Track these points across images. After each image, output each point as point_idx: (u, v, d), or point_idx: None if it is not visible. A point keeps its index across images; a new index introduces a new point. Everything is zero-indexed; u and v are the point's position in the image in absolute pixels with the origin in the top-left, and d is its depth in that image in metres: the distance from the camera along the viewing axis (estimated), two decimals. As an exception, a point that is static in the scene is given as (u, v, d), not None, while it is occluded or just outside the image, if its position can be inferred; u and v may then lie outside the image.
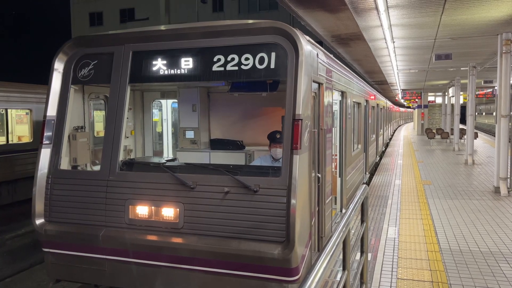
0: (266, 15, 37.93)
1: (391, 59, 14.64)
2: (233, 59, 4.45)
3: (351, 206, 3.48)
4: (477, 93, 29.58)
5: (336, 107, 7.48)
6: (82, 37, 5.12)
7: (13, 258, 9.36)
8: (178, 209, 4.35)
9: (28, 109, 12.36)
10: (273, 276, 4.04)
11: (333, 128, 6.34)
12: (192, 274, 4.30)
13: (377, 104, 16.50)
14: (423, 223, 7.61)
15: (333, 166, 6.50)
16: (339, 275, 5.27)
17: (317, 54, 4.93)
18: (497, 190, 10.28)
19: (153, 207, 4.45)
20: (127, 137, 6.89)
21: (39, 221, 4.83)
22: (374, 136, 14.93)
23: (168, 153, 7.94)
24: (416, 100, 33.90)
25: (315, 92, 5.13)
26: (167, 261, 4.35)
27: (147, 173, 4.61)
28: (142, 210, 4.48)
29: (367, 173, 12.29)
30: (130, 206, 4.52)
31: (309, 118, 4.40)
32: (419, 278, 5.18)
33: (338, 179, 7.68)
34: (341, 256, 3.15)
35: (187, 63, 4.63)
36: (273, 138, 5.74)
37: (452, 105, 26.33)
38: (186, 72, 4.64)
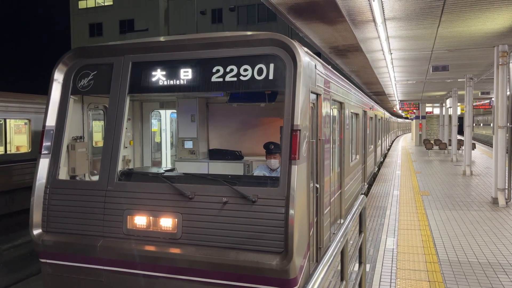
0: (264, 26, 38.28)
1: (389, 70, 14.75)
2: (232, 70, 4.49)
3: (349, 217, 3.49)
4: (474, 104, 29.74)
5: (334, 118, 7.52)
6: (81, 48, 5.16)
7: (9, 269, 9.29)
8: (176, 219, 4.34)
9: (27, 119, 12.37)
10: (271, 287, 4.02)
11: (331, 139, 6.36)
12: (190, 285, 4.28)
13: (375, 115, 16.56)
14: (422, 234, 7.60)
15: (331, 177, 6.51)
16: (337, 286, 5.25)
17: (315, 65, 4.97)
18: (495, 201, 10.29)
19: (151, 217, 4.44)
20: (126, 147, 6.89)
21: (36, 231, 4.81)
22: (372, 146, 14.96)
23: (166, 163, 7.95)
24: (414, 111, 34.06)
25: (313, 103, 5.16)
26: (165, 271, 4.33)
27: (145, 183, 4.61)
28: (140, 220, 4.47)
29: (365, 183, 12.29)
30: (128, 216, 4.51)
31: (307, 129, 4.42)
32: (418, 289, 5.16)
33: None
34: (339, 267, 3.15)
35: (186, 74, 4.66)
36: (268, 149, 5.77)
37: (450, 116, 26.45)
38: (185, 82, 4.67)
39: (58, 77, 5.11)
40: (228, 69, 4.49)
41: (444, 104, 30.95)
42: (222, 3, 41.43)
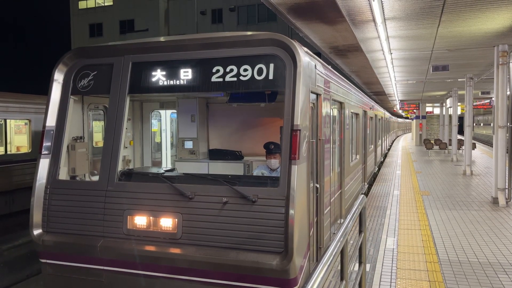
0: (265, 26, 38.29)
1: (389, 70, 14.75)
2: (232, 70, 4.49)
3: (349, 216, 3.49)
4: (474, 103, 29.73)
5: (334, 118, 7.52)
6: (82, 48, 5.16)
7: (10, 269, 9.30)
8: (176, 220, 4.35)
9: (27, 119, 12.38)
10: (271, 287, 4.03)
11: (331, 139, 6.36)
12: (190, 285, 4.28)
13: (375, 115, 16.57)
14: (422, 233, 7.60)
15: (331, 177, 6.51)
16: (337, 286, 5.25)
17: (315, 65, 4.97)
18: (495, 200, 10.28)
19: (151, 218, 4.44)
20: (126, 148, 6.89)
21: (36, 232, 4.81)
22: (372, 146, 14.96)
23: (166, 163, 7.95)
24: (414, 110, 34.06)
25: (313, 103, 5.16)
26: (165, 271, 4.34)
27: (145, 183, 4.62)
28: (140, 221, 4.48)
29: (365, 183, 12.29)
30: (128, 217, 4.52)
31: (307, 129, 4.42)
32: (418, 289, 5.16)
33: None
34: (339, 267, 3.15)
35: (186, 74, 4.67)
36: (268, 149, 5.78)
37: (450, 115, 26.44)
38: (185, 83, 4.67)
39: (58, 77, 5.11)
40: (228, 69, 4.49)
41: (444, 104, 30.94)
42: (222, 3, 41.44)
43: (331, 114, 6.36)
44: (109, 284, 4.59)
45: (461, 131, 27.59)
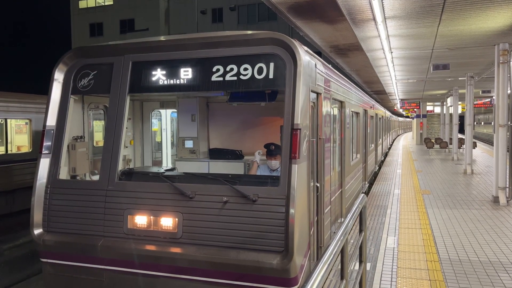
0: (265, 26, 38.29)
1: (389, 69, 14.73)
2: (232, 69, 4.49)
3: (349, 216, 3.49)
4: (475, 102, 29.71)
5: (334, 117, 7.52)
6: (82, 47, 5.16)
7: (10, 269, 9.31)
8: (176, 219, 4.35)
9: (28, 119, 12.38)
10: (272, 286, 4.03)
11: (332, 138, 6.36)
12: (190, 284, 4.29)
13: (376, 114, 16.55)
14: (422, 232, 7.60)
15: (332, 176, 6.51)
16: (337, 285, 5.25)
17: (315, 65, 4.97)
18: (496, 199, 10.28)
19: (151, 217, 4.45)
20: (126, 147, 6.89)
21: (37, 231, 4.82)
22: (373, 145, 14.95)
23: (167, 162, 7.95)
24: (415, 109, 34.04)
25: (314, 102, 5.16)
26: (165, 271, 4.34)
27: (146, 183, 4.62)
28: (140, 220, 4.48)
29: (366, 182, 12.29)
30: (128, 216, 4.52)
31: (308, 128, 4.42)
32: (419, 288, 5.16)
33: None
34: (339, 266, 3.14)
35: (186, 74, 4.67)
36: (269, 150, 5.78)
37: (451, 114, 26.42)
38: (185, 82, 4.67)
39: (59, 77, 5.11)
40: (228, 69, 4.49)
41: (445, 103, 30.91)
42: (223, 3, 41.44)
43: (332, 113, 6.35)
44: (109, 284, 4.60)
45: (461, 130, 27.58)
